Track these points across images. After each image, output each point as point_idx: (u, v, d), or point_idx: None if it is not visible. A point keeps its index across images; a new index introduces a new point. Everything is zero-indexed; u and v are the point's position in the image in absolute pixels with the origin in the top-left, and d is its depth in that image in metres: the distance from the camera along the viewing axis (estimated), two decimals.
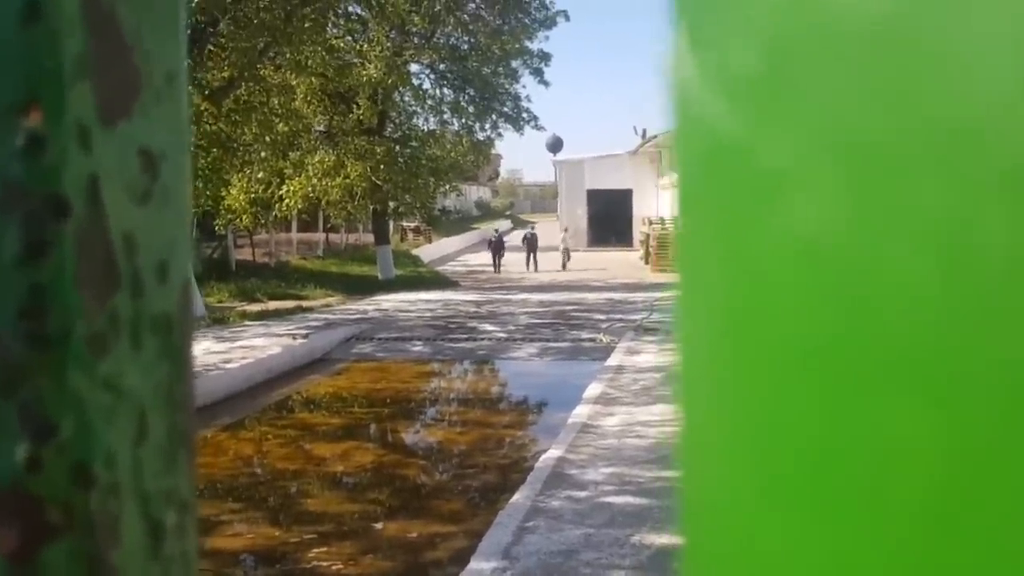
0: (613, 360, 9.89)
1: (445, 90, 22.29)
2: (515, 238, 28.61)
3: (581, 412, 7.47)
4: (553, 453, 6.27)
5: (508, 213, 58.07)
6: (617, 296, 16.71)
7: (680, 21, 0.23)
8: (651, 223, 25.82)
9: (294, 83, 16.01)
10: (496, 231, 27.23)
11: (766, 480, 0.21)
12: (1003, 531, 0.18)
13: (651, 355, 10.10)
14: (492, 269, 25.03)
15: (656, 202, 29.04)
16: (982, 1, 0.18)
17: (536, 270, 24.60)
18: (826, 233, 0.20)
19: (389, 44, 18.65)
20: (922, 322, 0.19)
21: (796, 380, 0.21)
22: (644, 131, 29.48)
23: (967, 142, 0.18)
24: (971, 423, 0.18)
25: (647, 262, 24.44)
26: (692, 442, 0.24)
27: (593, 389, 8.35)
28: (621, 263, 25.42)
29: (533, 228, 27.55)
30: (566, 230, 27.74)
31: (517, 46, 21.52)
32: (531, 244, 25.65)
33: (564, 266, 25.20)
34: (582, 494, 5.39)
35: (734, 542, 0.22)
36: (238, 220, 16.99)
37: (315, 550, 5.35)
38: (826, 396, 0.20)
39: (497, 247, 25.34)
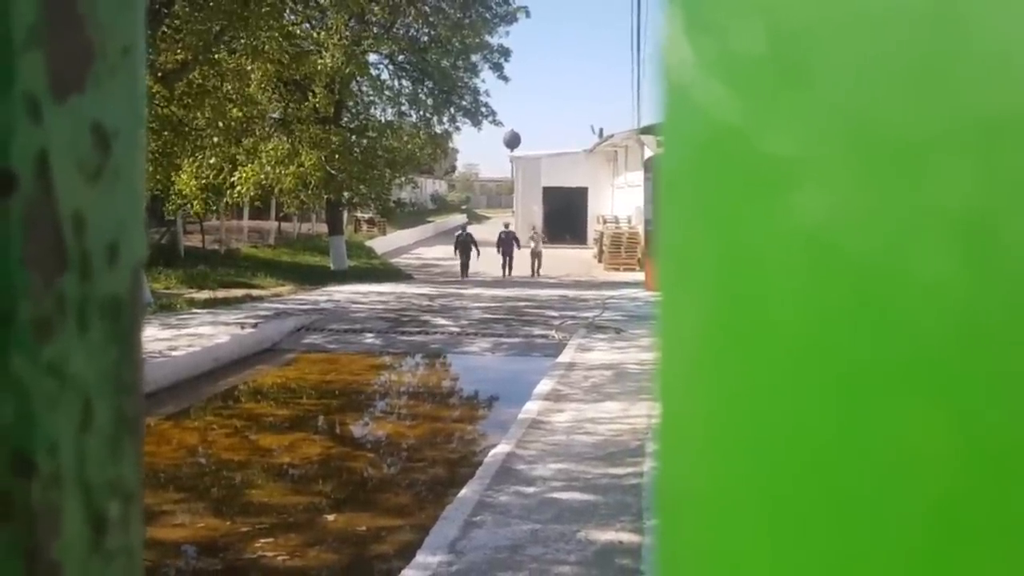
0: (565, 357, 9.94)
1: (403, 81, 22.18)
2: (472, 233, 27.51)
3: (531, 408, 7.50)
4: (502, 448, 6.28)
5: (464, 207, 57.97)
6: (570, 293, 16.80)
7: (674, 4, 0.22)
8: (605, 221, 26.04)
9: (249, 69, 15.73)
10: (464, 230, 22.70)
11: (766, 485, 0.20)
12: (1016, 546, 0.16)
13: (602, 352, 10.18)
14: (453, 265, 21.33)
15: (611, 201, 29.29)
16: None
17: (510, 275, 21.02)
18: (837, 227, 0.18)
19: (348, 33, 18.46)
20: (943, 323, 0.17)
21: (801, 382, 0.19)
22: (601, 130, 29.73)
23: (999, 132, 0.16)
24: (992, 431, 0.17)
25: (600, 260, 24.65)
26: (676, 448, 0.22)
27: (544, 385, 8.38)
28: (575, 260, 25.51)
29: (508, 226, 23.31)
30: (534, 229, 23.95)
31: (477, 40, 21.49)
32: (507, 246, 21.75)
33: (535, 272, 21.68)
34: (530, 489, 5.41)
35: (725, 547, 0.21)
36: (188, 206, 16.65)
37: (260, 541, 5.28)
38: (834, 401, 0.18)
39: (465, 247, 21.11)
